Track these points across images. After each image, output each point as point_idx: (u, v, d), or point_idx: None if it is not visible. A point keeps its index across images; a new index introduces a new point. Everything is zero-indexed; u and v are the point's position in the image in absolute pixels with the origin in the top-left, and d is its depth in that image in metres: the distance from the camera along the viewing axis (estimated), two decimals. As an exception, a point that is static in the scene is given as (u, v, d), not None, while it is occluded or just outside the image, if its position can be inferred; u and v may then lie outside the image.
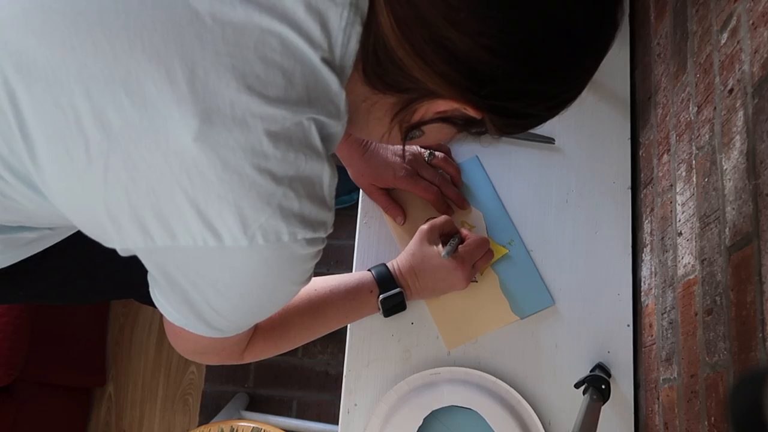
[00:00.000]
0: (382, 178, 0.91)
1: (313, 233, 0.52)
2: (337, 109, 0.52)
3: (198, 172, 0.46)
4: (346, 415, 0.88)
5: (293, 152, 0.48)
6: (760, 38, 0.58)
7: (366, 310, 0.84)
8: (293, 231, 0.50)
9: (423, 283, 0.85)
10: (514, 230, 0.93)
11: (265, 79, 0.47)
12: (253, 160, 0.47)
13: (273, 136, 0.47)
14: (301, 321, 0.78)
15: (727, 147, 0.64)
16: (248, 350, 0.74)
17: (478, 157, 0.96)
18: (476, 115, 0.53)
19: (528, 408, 0.85)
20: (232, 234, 0.48)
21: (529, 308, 0.90)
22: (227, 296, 0.55)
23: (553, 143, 0.96)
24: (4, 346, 1.36)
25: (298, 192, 0.49)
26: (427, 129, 0.58)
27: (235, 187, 0.47)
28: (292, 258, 0.53)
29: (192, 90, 0.45)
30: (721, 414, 0.62)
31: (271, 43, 0.47)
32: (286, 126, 0.48)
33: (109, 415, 1.75)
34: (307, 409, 1.68)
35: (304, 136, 0.49)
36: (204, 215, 0.48)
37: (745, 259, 0.58)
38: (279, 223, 0.49)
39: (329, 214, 0.53)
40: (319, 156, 0.50)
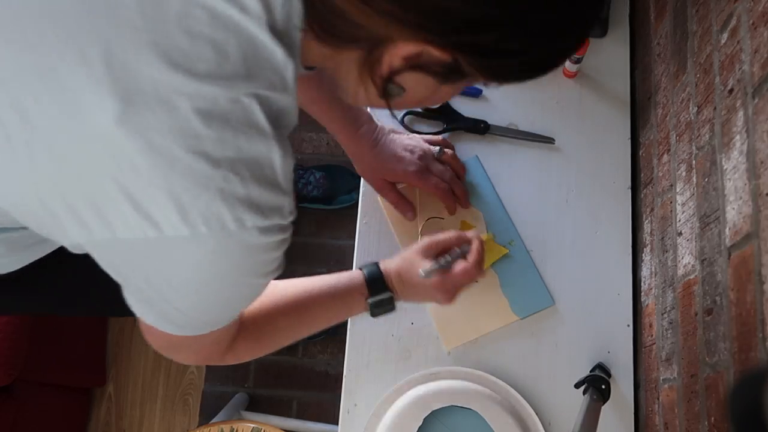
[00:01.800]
0: (393, 172, 0.90)
1: (266, 220, 0.48)
2: (282, 81, 0.47)
3: (125, 157, 0.43)
4: (346, 415, 0.88)
5: (231, 132, 0.45)
6: (760, 38, 0.58)
7: (354, 312, 0.81)
8: (239, 217, 0.46)
9: (407, 290, 0.81)
10: (514, 230, 0.93)
11: (192, 54, 0.43)
12: (183, 142, 0.43)
13: (204, 114, 0.44)
14: (288, 322, 0.75)
15: (727, 147, 0.64)
16: (230, 351, 0.71)
17: (478, 156, 0.97)
18: (445, 57, 0.48)
19: (528, 408, 0.85)
20: (170, 222, 0.45)
21: (529, 308, 0.90)
22: (182, 292, 0.52)
23: (553, 143, 0.96)
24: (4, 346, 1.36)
25: (241, 175, 0.46)
26: (405, 84, 0.53)
27: (167, 172, 0.44)
28: (245, 248, 0.49)
29: (109, 70, 0.42)
30: (721, 414, 0.62)
31: (196, 14, 0.43)
32: (220, 104, 0.44)
33: (109, 415, 1.75)
34: (307, 409, 1.68)
35: (244, 114, 0.45)
36: (138, 203, 0.44)
37: (745, 259, 0.58)
38: (221, 209, 0.45)
39: (285, 198, 0.49)
40: (264, 135, 0.46)
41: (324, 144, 1.80)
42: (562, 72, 0.99)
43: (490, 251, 0.92)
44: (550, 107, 0.98)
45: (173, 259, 0.49)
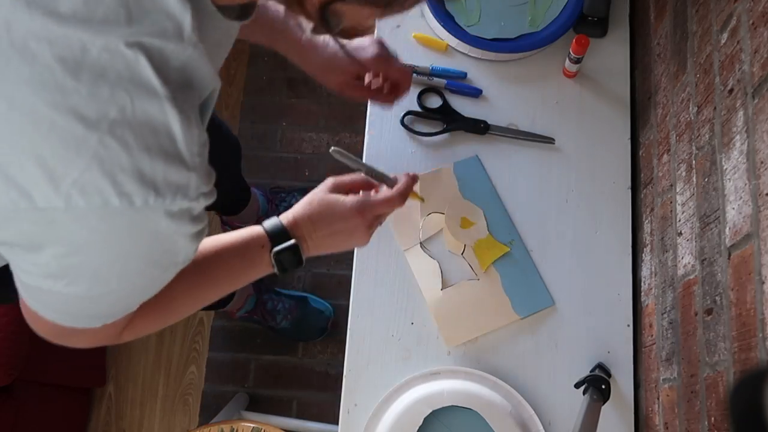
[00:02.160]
0: (356, 58, 0.80)
1: (162, 199, 0.41)
2: (177, 29, 0.40)
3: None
4: (346, 415, 0.88)
5: (107, 87, 0.38)
6: (760, 38, 0.58)
7: (260, 269, 0.70)
8: (125, 193, 0.39)
9: (320, 233, 0.72)
10: (514, 230, 0.93)
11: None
12: (46, 96, 0.37)
13: (71, 64, 0.37)
14: (187, 289, 0.65)
15: (727, 147, 0.64)
16: (128, 328, 0.62)
17: (478, 156, 0.97)
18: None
19: (528, 408, 0.85)
20: (42, 192, 0.39)
21: (529, 308, 0.90)
22: (63, 276, 0.44)
23: (553, 143, 0.96)
24: (4, 346, 1.36)
25: (124, 141, 0.38)
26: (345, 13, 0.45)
27: (29, 132, 0.37)
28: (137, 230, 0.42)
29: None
30: (721, 414, 0.62)
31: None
32: (91, 53, 0.37)
33: (109, 415, 1.75)
34: (307, 409, 1.68)
35: (126, 68, 0.38)
36: (3, 169, 0.38)
37: (745, 259, 0.58)
38: (100, 181, 0.39)
39: (189, 175, 0.42)
40: (154, 95, 0.39)
41: (324, 144, 1.80)
42: (562, 72, 0.99)
43: (490, 249, 0.92)
44: (550, 107, 0.98)
45: (51, 236, 0.42)
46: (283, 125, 1.82)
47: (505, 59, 1.00)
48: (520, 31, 0.97)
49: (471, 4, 0.99)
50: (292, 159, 1.80)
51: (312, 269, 1.75)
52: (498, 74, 1.00)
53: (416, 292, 0.91)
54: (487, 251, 0.92)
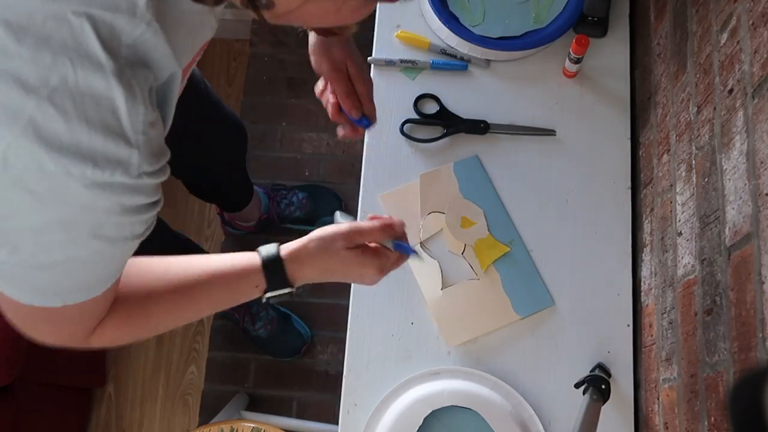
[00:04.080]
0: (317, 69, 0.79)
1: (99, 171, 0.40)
2: (131, 3, 0.40)
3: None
4: (346, 415, 0.88)
5: (50, 54, 0.37)
6: (760, 38, 0.58)
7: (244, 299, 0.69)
8: (61, 162, 0.39)
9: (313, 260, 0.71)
10: (514, 230, 0.93)
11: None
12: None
13: (15, 28, 0.37)
14: (165, 309, 0.64)
15: (727, 147, 0.64)
16: (97, 334, 0.61)
17: (478, 156, 0.97)
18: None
19: (528, 408, 0.85)
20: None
21: (529, 308, 0.90)
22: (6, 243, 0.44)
23: (554, 134, 0.96)
24: (4, 346, 1.36)
25: (63, 110, 0.38)
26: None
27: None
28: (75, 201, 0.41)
29: None
30: (721, 414, 0.62)
31: None
32: (36, 18, 0.37)
33: (109, 415, 1.75)
34: (307, 409, 1.68)
35: (72, 37, 0.38)
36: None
37: (745, 259, 0.58)
38: (34, 147, 0.38)
39: (131, 151, 0.41)
40: (98, 67, 0.39)
41: (324, 144, 1.80)
42: (562, 72, 0.99)
43: (491, 249, 0.92)
44: (550, 107, 0.98)
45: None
46: (283, 125, 1.82)
47: (505, 59, 1.00)
48: (525, 28, 0.97)
49: (474, 3, 0.99)
50: (292, 159, 1.80)
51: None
52: (498, 74, 1.00)
53: (416, 292, 0.91)
54: (487, 251, 0.92)
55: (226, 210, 1.60)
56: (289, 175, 1.79)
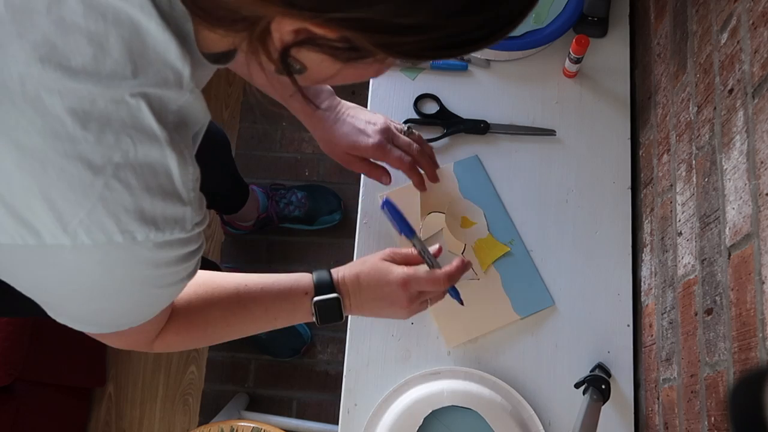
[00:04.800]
0: (356, 145, 0.86)
1: (161, 233, 0.44)
2: (177, 77, 0.43)
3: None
4: (346, 415, 0.88)
5: (112, 134, 0.40)
6: (760, 38, 0.58)
7: (298, 315, 0.74)
8: (128, 230, 0.43)
9: (364, 295, 0.75)
10: (514, 230, 0.93)
11: (64, 48, 0.39)
12: (56, 145, 0.39)
13: (80, 115, 0.40)
14: (224, 318, 0.70)
15: (727, 147, 0.64)
16: (159, 339, 0.66)
17: (477, 156, 0.97)
18: (331, 34, 0.42)
19: (528, 408, 0.85)
20: (49, 231, 0.42)
21: (529, 308, 0.90)
22: (78, 299, 0.49)
23: (554, 135, 0.96)
24: (4, 346, 1.36)
25: (128, 183, 0.42)
26: (305, 62, 0.47)
27: (40, 177, 0.40)
28: (139, 262, 0.45)
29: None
30: (721, 414, 0.62)
31: (69, 3, 0.39)
32: (98, 104, 0.40)
33: (109, 415, 1.75)
34: (307, 409, 1.68)
35: (130, 116, 0.41)
36: (13, 209, 0.41)
37: (745, 259, 0.58)
38: (105, 220, 0.42)
39: (185, 209, 0.45)
40: (154, 139, 0.42)
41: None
42: (562, 72, 0.99)
43: (491, 249, 0.92)
44: (549, 107, 0.98)
45: (60, 268, 0.45)
46: (283, 125, 1.82)
47: (505, 58, 1.00)
48: (525, 28, 0.97)
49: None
50: (292, 159, 1.80)
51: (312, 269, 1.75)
52: (498, 74, 1.00)
53: (416, 292, 0.91)
54: (487, 251, 0.92)
55: (224, 213, 1.61)
56: (289, 174, 1.78)
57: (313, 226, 1.71)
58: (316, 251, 1.76)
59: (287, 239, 1.74)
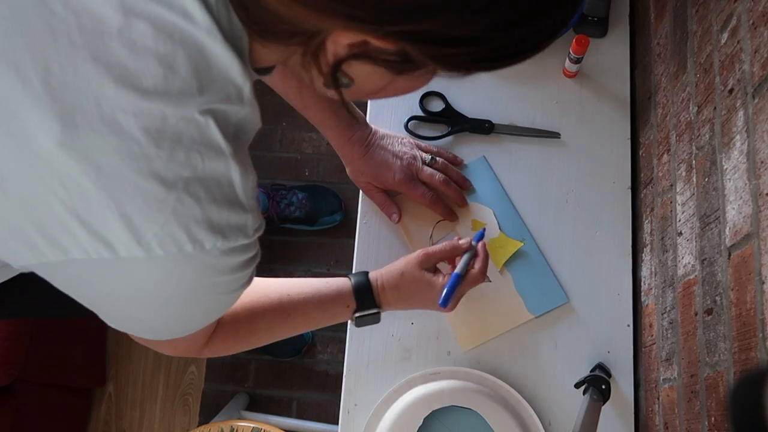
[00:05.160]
0: (381, 179, 0.91)
1: (227, 241, 0.46)
2: (239, 92, 0.45)
3: (71, 180, 0.41)
4: (346, 415, 0.88)
5: (183, 151, 0.43)
6: (760, 38, 0.58)
7: (337, 320, 0.80)
8: (197, 239, 0.45)
9: (404, 303, 0.81)
10: (525, 229, 0.93)
11: (136, 70, 0.41)
12: (131, 164, 0.41)
13: (154, 134, 0.41)
14: (268, 325, 0.74)
15: (727, 147, 0.64)
16: (208, 346, 0.70)
17: (485, 157, 0.96)
18: (390, 47, 0.43)
19: (528, 408, 0.85)
20: (124, 245, 0.43)
21: (543, 306, 0.90)
22: (142, 308, 0.51)
23: (558, 137, 0.96)
24: (4, 346, 1.36)
25: (197, 196, 0.44)
26: (355, 75, 0.49)
27: (117, 194, 0.42)
28: (206, 269, 0.48)
29: (47, 89, 0.40)
30: (721, 414, 0.62)
31: (139, 27, 0.41)
32: (170, 122, 0.42)
33: (109, 415, 1.75)
34: (307, 409, 1.68)
35: (199, 133, 0.43)
36: (89, 226, 0.43)
37: (745, 259, 0.58)
38: (177, 232, 0.44)
39: (247, 216, 0.48)
40: (221, 153, 0.44)
41: (324, 144, 1.80)
42: (562, 72, 0.99)
43: (504, 247, 0.92)
44: (549, 107, 0.98)
45: (131, 279, 0.47)
46: (283, 125, 1.82)
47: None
48: None
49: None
50: (292, 159, 1.80)
51: (312, 269, 1.75)
52: (497, 74, 1.00)
53: (416, 292, 0.91)
54: (500, 250, 0.92)
55: None
56: (289, 174, 1.79)
57: (313, 227, 1.71)
58: (316, 251, 1.76)
59: (287, 239, 1.74)
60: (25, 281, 0.78)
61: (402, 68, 0.47)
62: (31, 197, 0.42)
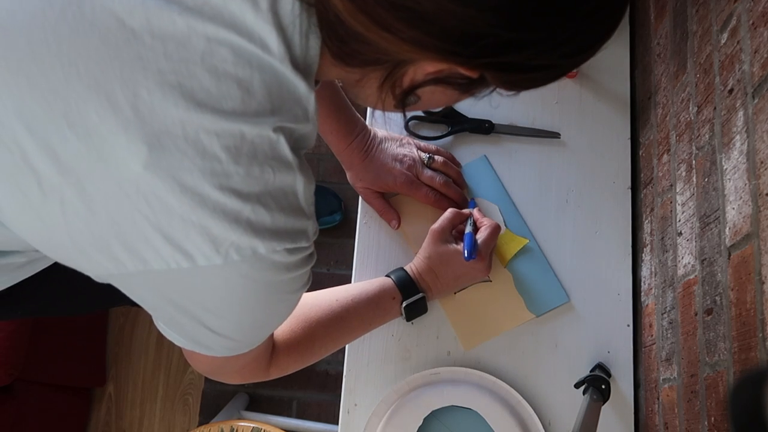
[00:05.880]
0: (382, 183, 0.91)
1: (293, 243, 0.50)
2: (305, 112, 0.49)
3: (156, 197, 0.44)
4: (346, 415, 0.88)
5: (258, 167, 0.46)
6: (760, 38, 0.58)
7: (389, 317, 0.83)
8: (270, 245, 0.48)
9: (444, 282, 0.85)
10: (525, 228, 0.93)
11: (218, 93, 0.44)
12: (213, 180, 0.45)
13: (233, 152, 0.45)
14: (326, 332, 0.77)
15: (727, 147, 0.64)
16: (273, 365, 0.73)
17: (486, 156, 0.96)
18: (472, 75, 0.48)
19: (528, 408, 0.85)
20: (204, 254, 0.47)
21: (544, 306, 0.90)
22: (219, 314, 0.54)
23: (558, 137, 0.96)
24: (4, 346, 1.36)
25: (268, 206, 0.47)
26: (422, 94, 0.53)
27: (198, 209, 0.45)
28: (276, 268, 0.51)
29: (137, 114, 0.43)
30: (721, 414, 0.62)
31: (221, 53, 0.44)
32: (247, 140, 0.45)
33: (109, 415, 1.76)
34: (307, 409, 1.68)
35: (271, 148, 0.47)
36: (171, 238, 0.46)
37: (745, 259, 0.58)
38: (252, 240, 0.47)
39: (308, 222, 0.51)
40: (289, 167, 0.48)
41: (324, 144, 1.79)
42: (562, 72, 0.99)
43: (509, 244, 0.92)
44: (549, 107, 0.98)
45: (207, 285, 0.50)
46: (283, 125, 1.82)
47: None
48: None
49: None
50: (292, 159, 1.80)
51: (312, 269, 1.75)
52: (498, 74, 1.00)
53: (416, 292, 0.91)
54: (506, 246, 0.92)
55: None
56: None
57: None
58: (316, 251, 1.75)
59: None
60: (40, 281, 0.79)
61: (471, 89, 0.51)
62: (116, 214, 0.45)
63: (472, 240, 0.83)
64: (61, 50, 0.43)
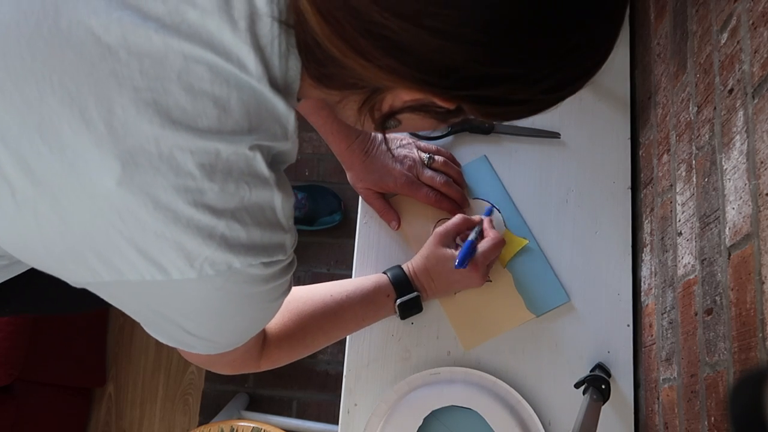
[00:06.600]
0: (382, 184, 0.91)
1: (270, 257, 0.50)
2: (284, 131, 0.49)
3: (129, 213, 0.44)
4: (346, 415, 0.88)
5: (233, 183, 0.46)
6: (760, 38, 0.58)
7: (383, 314, 0.84)
8: (245, 260, 0.48)
9: (438, 284, 0.85)
10: (525, 228, 0.93)
11: (194, 111, 0.44)
12: (186, 197, 0.44)
13: (207, 169, 0.45)
14: (318, 326, 0.77)
15: (727, 147, 0.64)
16: (264, 358, 0.73)
17: (486, 156, 0.96)
18: (448, 106, 0.47)
19: (528, 408, 0.85)
20: (178, 268, 0.47)
21: (544, 305, 0.90)
22: (197, 321, 0.54)
23: (558, 137, 0.96)
24: (4, 346, 1.36)
25: (243, 222, 0.47)
26: (402, 119, 0.53)
27: (171, 225, 0.45)
28: (253, 281, 0.51)
29: (110, 130, 0.43)
30: (721, 414, 0.62)
31: (198, 71, 0.44)
32: (222, 157, 0.45)
33: (109, 415, 1.76)
34: (307, 409, 1.68)
35: (247, 165, 0.46)
36: (145, 253, 0.46)
37: (745, 259, 0.58)
38: (226, 255, 0.47)
39: (286, 235, 0.51)
40: (266, 183, 0.48)
41: (324, 144, 1.79)
42: (562, 72, 0.99)
43: (509, 244, 0.92)
44: (550, 107, 0.98)
45: (183, 296, 0.50)
46: (283, 125, 1.82)
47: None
48: None
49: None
50: (292, 159, 1.80)
51: (312, 269, 1.75)
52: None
53: (416, 292, 0.91)
54: (506, 246, 0.91)
55: None
56: (289, 175, 1.77)
57: (313, 227, 1.71)
58: (316, 251, 1.76)
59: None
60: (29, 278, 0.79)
61: (450, 117, 0.51)
62: (90, 227, 0.45)
63: (468, 249, 0.82)
64: (35, 64, 0.43)
